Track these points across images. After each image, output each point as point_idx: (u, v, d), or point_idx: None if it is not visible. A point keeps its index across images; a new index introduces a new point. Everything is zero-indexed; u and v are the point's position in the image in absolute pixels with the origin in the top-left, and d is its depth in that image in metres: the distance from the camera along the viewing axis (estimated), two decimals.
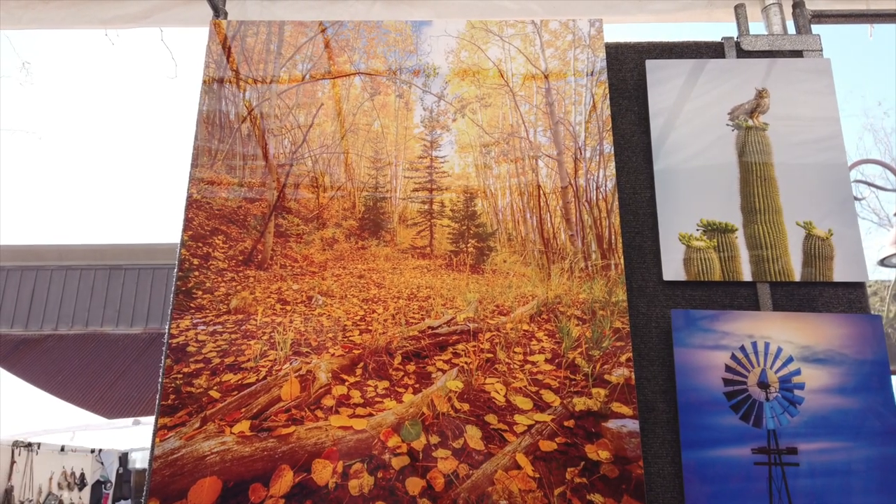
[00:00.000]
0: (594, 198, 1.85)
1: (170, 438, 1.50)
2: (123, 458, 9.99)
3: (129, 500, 10.30)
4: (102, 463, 9.70)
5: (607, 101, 1.95)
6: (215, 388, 1.56)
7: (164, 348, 1.60)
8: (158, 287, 16.31)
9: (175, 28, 2.39)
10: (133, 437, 9.07)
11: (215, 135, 1.85)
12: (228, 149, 1.85)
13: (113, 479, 9.67)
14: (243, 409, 1.54)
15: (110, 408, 9.69)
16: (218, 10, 2.07)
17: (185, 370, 1.58)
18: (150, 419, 8.07)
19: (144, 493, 1.46)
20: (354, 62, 1.99)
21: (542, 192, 1.87)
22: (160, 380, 1.56)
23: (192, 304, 1.65)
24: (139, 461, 10.99)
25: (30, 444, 8.07)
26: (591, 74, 1.98)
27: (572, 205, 1.85)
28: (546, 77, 1.99)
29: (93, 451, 9.50)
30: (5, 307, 16.00)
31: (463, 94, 1.98)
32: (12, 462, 7.83)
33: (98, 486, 9.39)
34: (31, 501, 8.04)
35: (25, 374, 9.29)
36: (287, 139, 1.87)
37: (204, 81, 1.91)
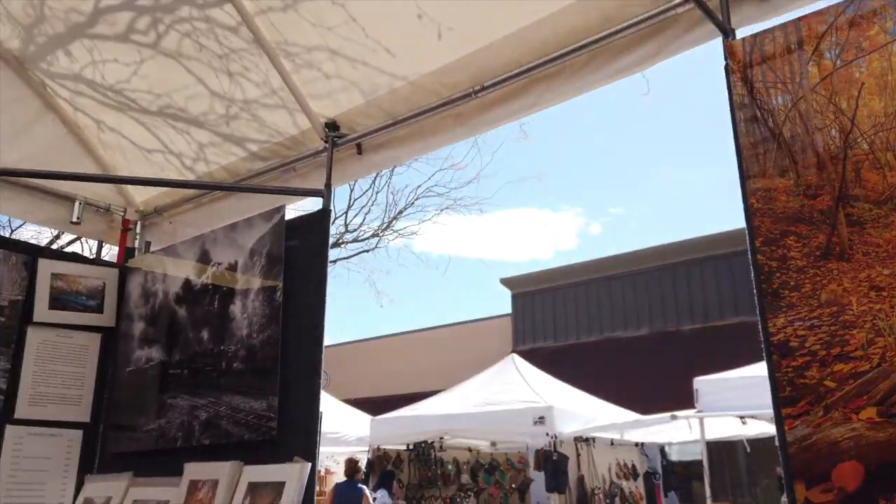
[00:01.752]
0: None
1: (797, 426, 1.66)
2: (662, 451, 10.78)
3: (674, 491, 11.01)
4: (647, 455, 10.65)
5: None
6: (828, 378, 1.66)
7: (763, 346, 1.79)
8: (653, 289, 17.27)
9: (684, 53, 2.55)
10: (669, 431, 9.73)
11: (759, 145, 1.99)
12: (775, 154, 1.96)
13: (659, 471, 10.50)
14: (865, 397, 1.59)
15: (644, 405, 10.60)
16: (727, 31, 2.22)
17: (794, 364, 1.72)
18: (684, 413, 8.49)
19: (786, 475, 1.65)
20: (888, 30, 1.88)
21: None
22: (771, 373, 1.74)
23: (781, 304, 1.79)
24: (674, 454, 11.66)
25: (587, 440, 9.47)
26: None
27: None
28: None
29: (636, 444, 10.53)
30: (536, 324, 19.26)
31: None
32: (578, 454, 9.31)
33: (648, 476, 10.33)
34: (598, 488, 9.39)
35: (563, 378, 10.98)
36: (833, 129, 1.88)
37: (734, 102, 2.08)
